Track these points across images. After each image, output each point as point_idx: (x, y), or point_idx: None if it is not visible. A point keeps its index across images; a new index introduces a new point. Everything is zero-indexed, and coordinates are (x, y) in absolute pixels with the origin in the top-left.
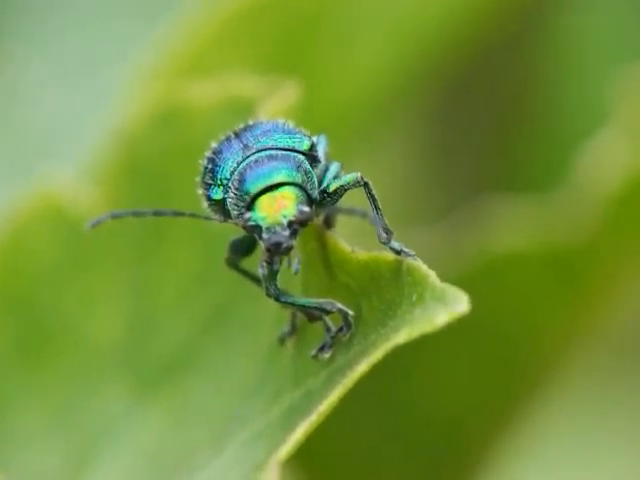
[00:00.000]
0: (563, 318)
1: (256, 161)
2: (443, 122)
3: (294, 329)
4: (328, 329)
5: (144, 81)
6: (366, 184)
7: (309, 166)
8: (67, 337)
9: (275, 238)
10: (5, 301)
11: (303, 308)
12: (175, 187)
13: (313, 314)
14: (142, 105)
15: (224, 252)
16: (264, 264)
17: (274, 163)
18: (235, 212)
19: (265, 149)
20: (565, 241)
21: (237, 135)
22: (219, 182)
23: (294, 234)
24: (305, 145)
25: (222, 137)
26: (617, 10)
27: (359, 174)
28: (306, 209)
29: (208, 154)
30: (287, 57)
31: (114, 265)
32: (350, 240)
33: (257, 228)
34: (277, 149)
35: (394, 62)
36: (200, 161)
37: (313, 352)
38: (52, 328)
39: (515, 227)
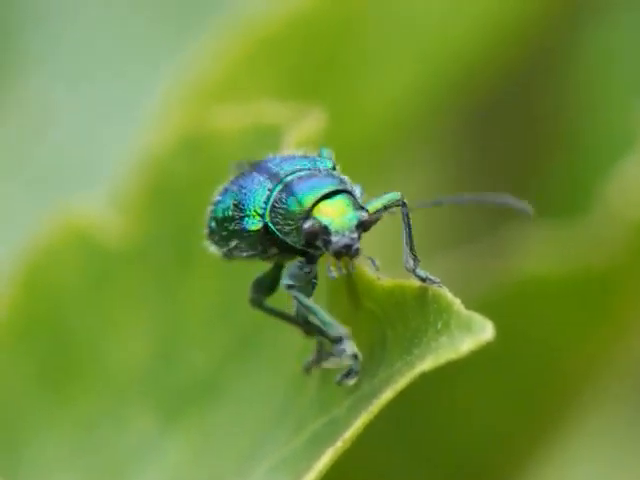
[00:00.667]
0: (592, 345)
1: (299, 178)
2: (473, 145)
3: (320, 358)
4: (352, 356)
5: (170, 107)
6: (404, 204)
7: None
8: (91, 365)
9: (345, 240)
10: (31, 328)
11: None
12: (201, 212)
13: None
14: (168, 131)
15: (248, 292)
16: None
17: (318, 177)
18: (288, 228)
19: (297, 170)
20: (593, 267)
21: (253, 169)
22: (252, 212)
23: (359, 237)
24: (329, 164)
25: (227, 183)
26: None
27: (399, 193)
28: (366, 212)
29: (219, 195)
30: (314, 81)
31: (139, 293)
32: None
33: (324, 232)
34: (308, 170)
35: (422, 82)
36: (213, 203)
37: (338, 378)
38: (76, 356)
39: (543, 252)
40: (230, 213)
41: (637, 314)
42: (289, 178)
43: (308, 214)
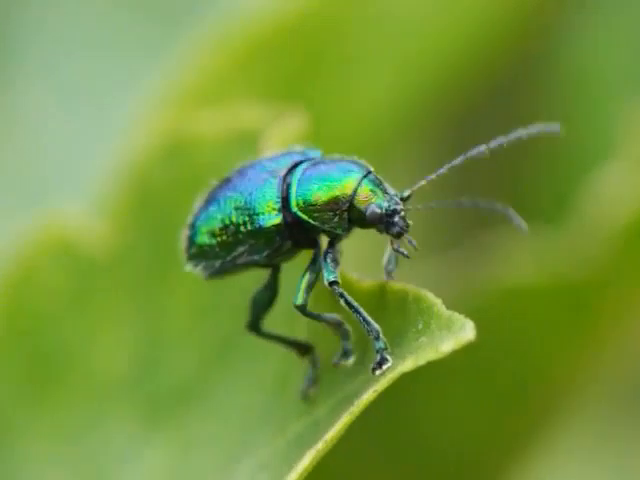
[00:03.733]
0: (572, 350)
1: (321, 164)
2: (451, 152)
3: (315, 379)
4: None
5: (152, 112)
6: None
7: None
8: (72, 372)
9: (403, 221)
10: (14, 335)
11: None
12: (182, 219)
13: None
14: (150, 136)
15: (246, 316)
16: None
17: (341, 161)
18: (329, 214)
19: (304, 160)
20: (574, 273)
21: (239, 174)
22: (266, 209)
23: None
24: (318, 152)
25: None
26: (627, 43)
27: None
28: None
29: (202, 210)
30: (298, 85)
31: (120, 300)
32: (357, 269)
33: (386, 214)
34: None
35: (405, 84)
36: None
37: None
38: (60, 362)
39: (524, 259)
40: (235, 218)
41: (615, 321)
42: (303, 167)
43: (352, 197)
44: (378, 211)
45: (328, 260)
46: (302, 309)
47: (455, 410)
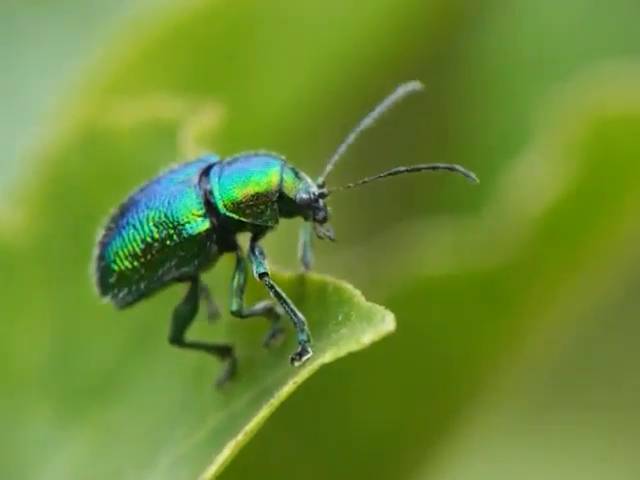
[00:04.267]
0: (490, 340)
1: (238, 162)
2: (368, 141)
3: (233, 373)
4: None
5: (67, 104)
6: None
7: None
8: None
9: (325, 207)
10: None
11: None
12: (99, 208)
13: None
14: (66, 129)
15: (168, 331)
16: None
17: (248, 160)
18: (260, 208)
19: (211, 165)
20: (490, 262)
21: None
22: (190, 217)
23: None
24: (215, 157)
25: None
26: (547, 30)
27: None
28: None
29: (111, 237)
30: (208, 81)
31: (37, 290)
32: (277, 260)
33: (315, 200)
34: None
35: (315, 84)
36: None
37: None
38: None
39: (440, 249)
40: (158, 234)
41: (533, 311)
42: (222, 169)
43: (280, 187)
44: (306, 197)
45: (256, 252)
46: (239, 313)
47: (373, 401)
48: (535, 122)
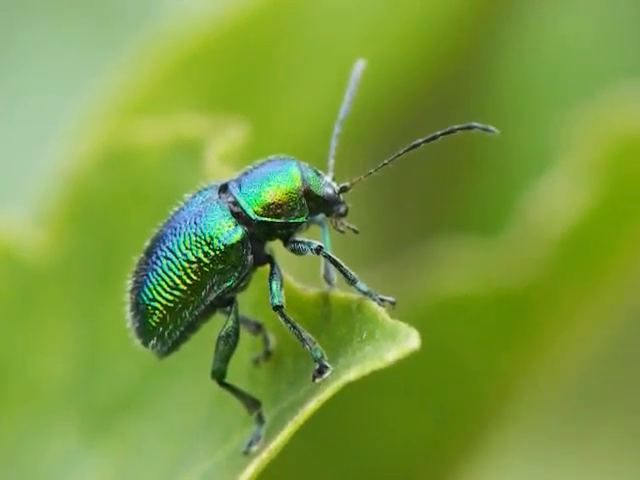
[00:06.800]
0: (513, 356)
1: (257, 169)
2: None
3: (261, 437)
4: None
5: (91, 123)
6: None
7: None
8: (14, 380)
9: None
10: None
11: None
12: (123, 228)
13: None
14: (91, 147)
15: (211, 365)
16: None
17: (264, 166)
18: (290, 205)
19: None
20: (513, 281)
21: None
22: (221, 228)
23: None
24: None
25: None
26: (569, 50)
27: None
28: None
29: (146, 271)
30: (238, 96)
31: (62, 309)
32: (303, 279)
33: (337, 195)
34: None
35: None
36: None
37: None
38: None
39: (464, 268)
40: (193, 255)
41: (555, 328)
42: (240, 181)
43: (305, 182)
44: (331, 191)
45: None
46: (281, 309)
47: (397, 419)
48: (556, 141)
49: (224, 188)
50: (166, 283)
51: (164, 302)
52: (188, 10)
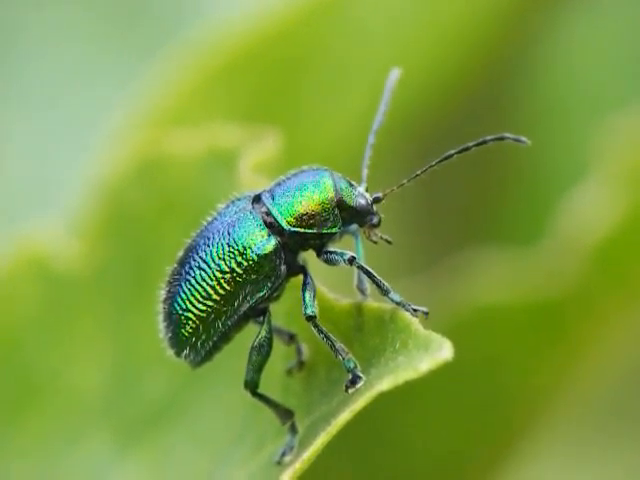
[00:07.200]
0: (548, 368)
1: (289, 180)
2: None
3: (294, 448)
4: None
5: (125, 133)
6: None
7: None
8: (50, 389)
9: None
10: None
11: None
12: (157, 238)
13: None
14: (124, 158)
15: (245, 375)
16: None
17: (296, 177)
18: (324, 215)
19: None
20: (547, 292)
21: (201, 234)
22: (256, 239)
23: None
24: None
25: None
26: (602, 60)
27: None
28: None
29: (177, 283)
30: (271, 106)
31: (96, 319)
32: (336, 289)
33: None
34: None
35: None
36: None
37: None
38: (35, 381)
39: (498, 279)
40: (226, 266)
41: (590, 339)
42: (272, 191)
43: (338, 192)
44: (364, 202)
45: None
46: (314, 320)
47: (431, 429)
48: (590, 151)
49: (257, 198)
50: (199, 293)
51: (197, 312)
52: (223, 19)
